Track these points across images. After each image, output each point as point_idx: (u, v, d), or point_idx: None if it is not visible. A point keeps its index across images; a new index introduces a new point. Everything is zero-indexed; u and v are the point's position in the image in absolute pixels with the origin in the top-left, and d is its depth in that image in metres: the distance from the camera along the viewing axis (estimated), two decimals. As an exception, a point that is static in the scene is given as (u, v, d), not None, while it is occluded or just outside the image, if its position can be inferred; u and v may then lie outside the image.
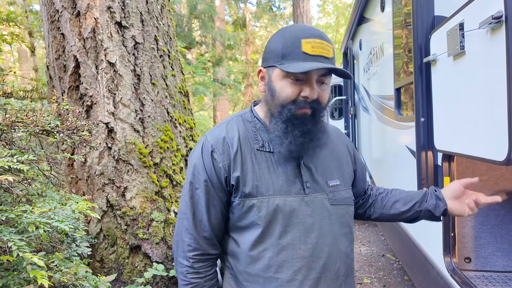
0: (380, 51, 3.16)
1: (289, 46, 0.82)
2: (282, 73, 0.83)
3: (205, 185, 0.88)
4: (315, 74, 0.82)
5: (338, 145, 1.01)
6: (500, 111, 1.05)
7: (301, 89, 0.82)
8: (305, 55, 0.80)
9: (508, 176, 1.80)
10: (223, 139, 0.89)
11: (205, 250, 0.91)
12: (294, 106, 0.82)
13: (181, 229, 0.92)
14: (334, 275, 0.89)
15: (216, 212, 0.90)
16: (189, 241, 0.90)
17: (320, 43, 0.81)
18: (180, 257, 0.91)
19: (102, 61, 2.42)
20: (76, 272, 1.44)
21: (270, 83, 0.86)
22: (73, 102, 2.48)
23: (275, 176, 0.87)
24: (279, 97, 0.84)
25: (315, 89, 0.82)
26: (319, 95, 0.84)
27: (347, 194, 0.95)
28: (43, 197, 1.69)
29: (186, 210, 0.91)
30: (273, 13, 13.17)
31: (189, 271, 0.90)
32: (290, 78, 0.82)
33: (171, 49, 2.85)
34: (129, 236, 2.32)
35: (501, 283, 1.61)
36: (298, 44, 0.81)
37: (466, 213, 1.01)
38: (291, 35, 0.83)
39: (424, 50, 1.72)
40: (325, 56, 0.81)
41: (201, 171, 0.89)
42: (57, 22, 2.52)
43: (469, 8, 1.24)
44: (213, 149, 0.88)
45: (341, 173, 0.96)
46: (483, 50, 1.17)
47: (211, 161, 0.88)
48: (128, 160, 2.38)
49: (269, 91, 0.87)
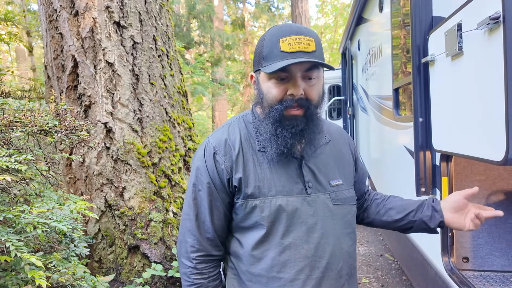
0: (379, 52, 3.17)
1: (269, 47, 0.83)
2: (266, 75, 0.85)
3: (207, 187, 0.89)
4: (298, 70, 0.82)
5: (340, 144, 1.01)
6: (498, 111, 1.05)
7: (287, 88, 0.83)
8: (283, 54, 0.81)
9: (505, 176, 1.80)
10: (225, 141, 0.90)
11: (208, 251, 0.91)
12: (281, 105, 0.83)
13: (184, 230, 0.93)
14: (337, 274, 0.89)
15: (219, 213, 0.90)
16: (192, 242, 0.90)
17: (298, 38, 0.81)
18: (184, 258, 0.92)
19: (100, 61, 2.41)
20: (74, 272, 1.44)
21: (259, 86, 0.88)
22: (71, 102, 2.47)
23: (277, 176, 0.87)
24: (267, 99, 0.85)
25: (300, 85, 0.82)
26: (306, 91, 0.83)
27: (349, 194, 0.95)
28: (41, 197, 1.69)
29: (189, 211, 0.91)
30: (272, 13, 13.17)
31: (192, 272, 0.90)
32: (274, 79, 0.83)
33: (169, 49, 2.85)
34: (127, 236, 2.32)
35: (499, 283, 1.61)
36: (277, 44, 0.82)
37: (467, 227, 0.94)
38: (270, 37, 0.85)
39: (422, 51, 1.72)
40: (304, 51, 0.81)
41: (203, 173, 0.89)
42: (55, 21, 2.51)
43: (467, 8, 1.25)
44: (215, 151, 0.89)
45: (344, 172, 0.96)
46: (481, 51, 1.17)
47: (214, 163, 0.89)
48: (126, 160, 2.37)
49: (258, 94, 0.89)
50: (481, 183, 1.81)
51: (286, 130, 0.84)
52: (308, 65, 0.82)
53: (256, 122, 0.93)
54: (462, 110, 1.35)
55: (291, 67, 0.81)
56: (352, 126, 5.13)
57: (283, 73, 0.82)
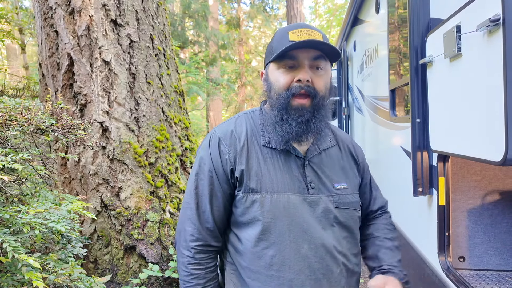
0: (375, 53, 3.19)
1: (279, 41, 0.87)
2: (275, 65, 0.88)
3: (209, 176, 0.89)
4: (305, 58, 0.84)
5: (347, 149, 1.01)
6: (497, 112, 1.06)
7: (294, 76, 0.85)
8: (292, 42, 0.83)
9: (501, 176, 1.83)
10: (231, 132, 0.91)
11: (207, 241, 0.91)
12: (289, 92, 0.84)
13: (184, 218, 0.92)
14: (336, 277, 0.89)
15: (219, 204, 0.90)
16: (192, 231, 0.90)
17: (306, 30, 0.85)
18: (182, 247, 0.91)
19: (96, 60, 2.39)
20: (71, 273, 1.42)
21: (267, 78, 0.91)
22: (67, 100, 2.44)
23: (280, 173, 0.87)
24: (275, 87, 0.87)
25: (307, 71, 0.85)
26: (314, 80, 0.85)
27: (354, 199, 0.94)
28: (37, 197, 1.66)
29: (190, 200, 0.91)
30: (267, 13, 13.19)
31: (190, 262, 0.90)
32: (283, 68, 0.86)
33: (166, 48, 2.83)
34: (123, 237, 2.29)
35: (495, 282, 1.63)
36: (286, 36, 0.85)
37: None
38: (280, 32, 0.89)
39: (420, 52, 1.74)
40: (312, 39, 0.83)
41: (207, 162, 0.90)
42: (51, 19, 2.48)
43: (467, 10, 1.26)
44: (220, 141, 0.90)
45: (349, 177, 0.96)
46: (480, 52, 1.19)
47: (218, 152, 0.89)
48: (122, 160, 2.35)
49: (267, 85, 0.91)
50: (477, 183, 1.83)
51: (292, 118, 0.85)
52: (315, 53, 0.84)
53: (263, 118, 0.93)
54: (460, 111, 1.36)
55: (299, 54, 0.83)
56: (348, 127, 5.15)
57: (290, 61, 0.84)
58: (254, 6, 12.78)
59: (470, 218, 1.83)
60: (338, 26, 16.38)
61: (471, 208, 1.84)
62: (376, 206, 1.05)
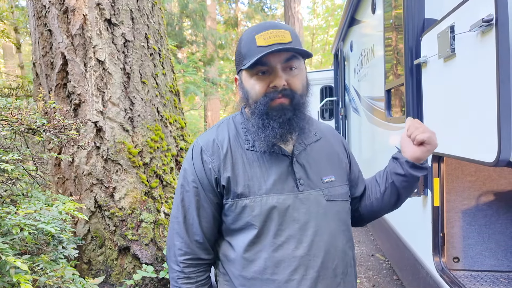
0: (371, 53, 3.19)
1: (247, 46, 0.85)
2: (247, 73, 0.86)
3: (194, 187, 0.88)
4: (277, 62, 0.83)
5: (332, 141, 1.00)
6: (490, 113, 1.06)
7: (269, 81, 0.84)
8: (260, 48, 0.82)
9: (495, 177, 1.83)
10: (212, 141, 0.90)
11: (197, 255, 0.89)
12: (266, 97, 0.83)
13: (172, 233, 0.91)
14: (332, 273, 0.87)
15: (207, 215, 0.89)
16: (180, 245, 0.89)
17: (273, 31, 0.83)
18: (172, 262, 0.90)
19: (90, 59, 2.37)
20: (62, 274, 1.40)
21: (242, 85, 0.89)
22: (61, 100, 2.42)
23: (267, 174, 0.86)
24: (251, 95, 0.86)
25: (281, 76, 0.83)
26: (289, 82, 0.84)
27: (343, 190, 0.94)
28: (29, 198, 1.64)
29: (177, 214, 0.90)
30: (265, 13, 13.18)
31: (179, 276, 0.89)
32: (256, 75, 0.84)
33: (162, 47, 2.82)
34: (117, 237, 2.28)
35: (489, 282, 1.63)
36: (253, 40, 0.83)
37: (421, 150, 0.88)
38: (247, 36, 0.86)
39: (415, 52, 1.74)
40: (280, 42, 0.82)
41: (190, 174, 0.89)
42: (44, 18, 2.46)
43: (460, 11, 1.26)
44: (202, 151, 0.89)
45: (336, 169, 0.95)
46: (473, 53, 1.18)
47: (201, 162, 0.88)
48: (117, 160, 2.33)
49: (243, 93, 0.89)
50: (472, 184, 1.83)
51: (274, 120, 0.83)
52: (286, 56, 0.83)
53: (245, 122, 0.92)
54: (454, 112, 1.36)
55: (270, 59, 0.81)
56: (344, 127, 5.15)
57: (263, 66, 0.83)
58: (252, 6, 12.76)
59: (464, 218, 1.83)
60: (337, 26, 16.38)
61: (465, 208, 1.84)
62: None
